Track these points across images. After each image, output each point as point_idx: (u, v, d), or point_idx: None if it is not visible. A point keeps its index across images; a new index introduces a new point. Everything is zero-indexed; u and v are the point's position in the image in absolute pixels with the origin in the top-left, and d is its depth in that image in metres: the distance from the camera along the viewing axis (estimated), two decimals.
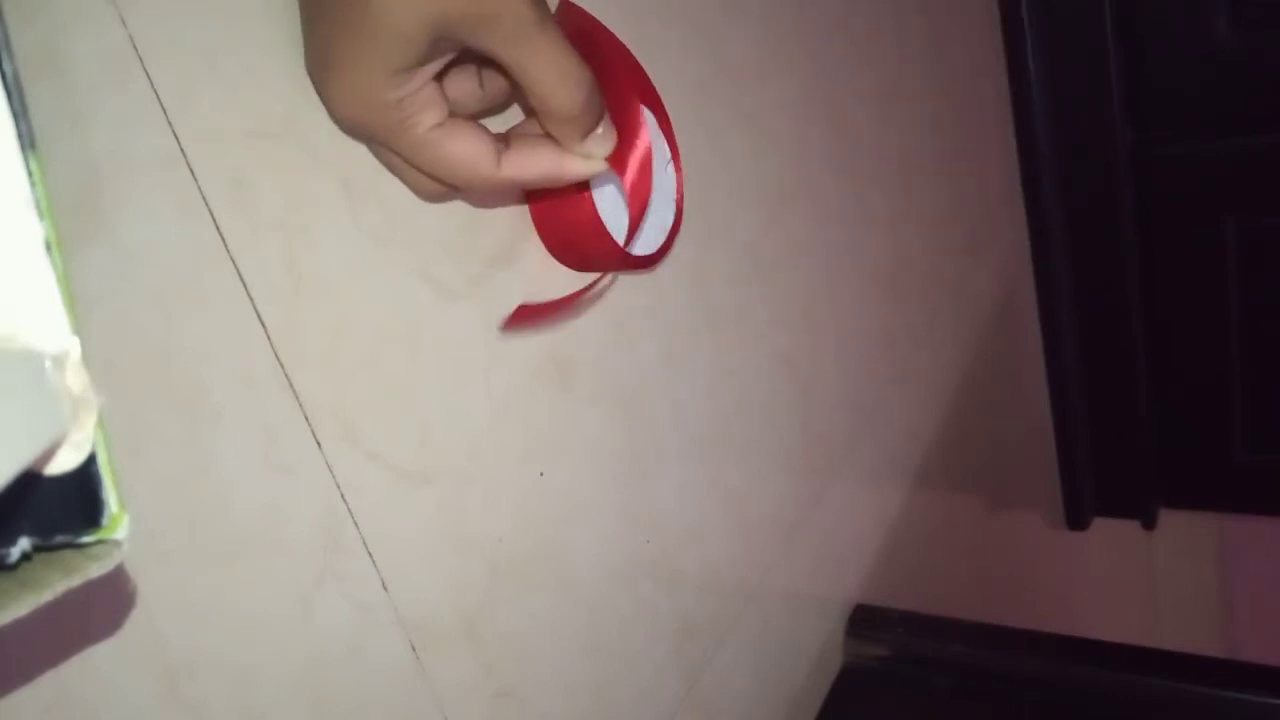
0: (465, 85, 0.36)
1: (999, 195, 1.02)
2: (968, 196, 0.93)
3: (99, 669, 0.28)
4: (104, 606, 0.29)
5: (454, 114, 0.34)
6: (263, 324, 0.33)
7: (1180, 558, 1.71)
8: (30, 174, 0.18)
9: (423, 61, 0.31)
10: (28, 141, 0.18)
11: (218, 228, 0.31)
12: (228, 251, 0.32)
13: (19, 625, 0.18)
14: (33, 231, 0.18)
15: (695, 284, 0.54)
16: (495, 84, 0.37)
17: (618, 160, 0.37)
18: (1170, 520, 1.21)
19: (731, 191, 0.57)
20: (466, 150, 0.34)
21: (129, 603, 0.29)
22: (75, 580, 0.19)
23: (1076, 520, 1.22)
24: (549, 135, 0.36)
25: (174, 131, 0.30)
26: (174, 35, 0.30)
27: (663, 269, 0.51)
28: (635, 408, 0.49)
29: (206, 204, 0.31)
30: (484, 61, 0.36)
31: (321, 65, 0.32)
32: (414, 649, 0.38)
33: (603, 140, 0.36)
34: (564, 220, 0.42)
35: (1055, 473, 1.21)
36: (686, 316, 0.53)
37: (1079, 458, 1.19)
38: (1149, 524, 1.20)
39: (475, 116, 0.37)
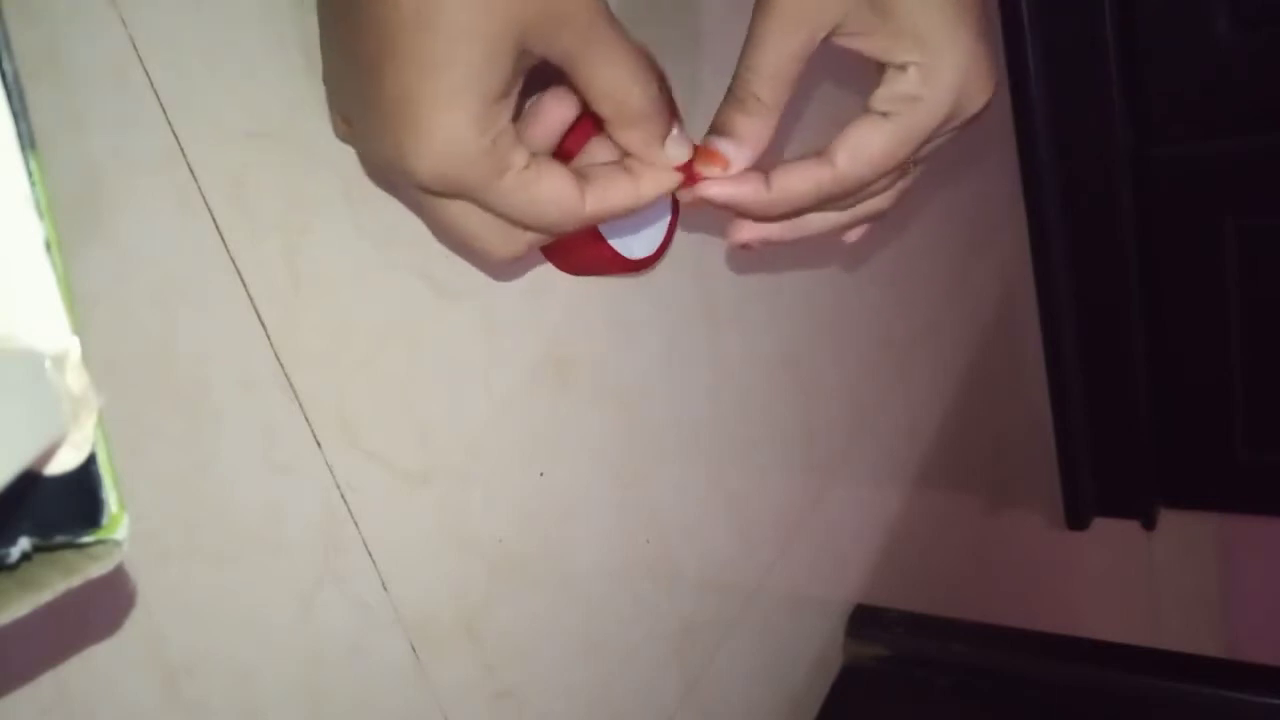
0: (526, 129, 0.33)
1: (999, 195, 1.02)
2: (968, 196, 0.93)
3: (99, 669, 0.28)
4: (104, 606, 0.29)
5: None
6: (263, 324, 0.33)
7: (1180, 558, 1.71)
8: (30, 174, 0.18)
9: (509, 86, 0.28)
10: (28, 141, 0.18)
11: (218, 228, 0.31)
12: (228, 251, 0.32)
13: (19, 625, 0.18)
14: (33, 231, 0.18)
15: (695, 284, 0.54)
16: (552, 117, 0.34)
17: None
18: (1170, 520, 1.21)
19: None
20: (557, 188, 0.30)
21: (129, 603, 0.29)
22: (75, 580, 0.19)
23: (1076, 520, 1.22)
24: (613, 159, 0.33)
25: (174, 131, 0.30)
26: (174, 35, 0.30)
27: (663, 269, 0.51)
28: (635, 408, 0.49)
29: (206, 204, 0.31)
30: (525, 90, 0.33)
31: (394, 122, 0.27)
32: (414, 649, 0.38)
33: (679, 142, 0.32)
34: None
35: (1055, 473, 1.21)
36: (687, 316, 0.53)
37: (1079, 458, 1.19)
38: (1149, 524, 1.20)
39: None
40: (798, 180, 0.34)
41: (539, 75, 0.30)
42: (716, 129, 0.34)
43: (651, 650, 0.51)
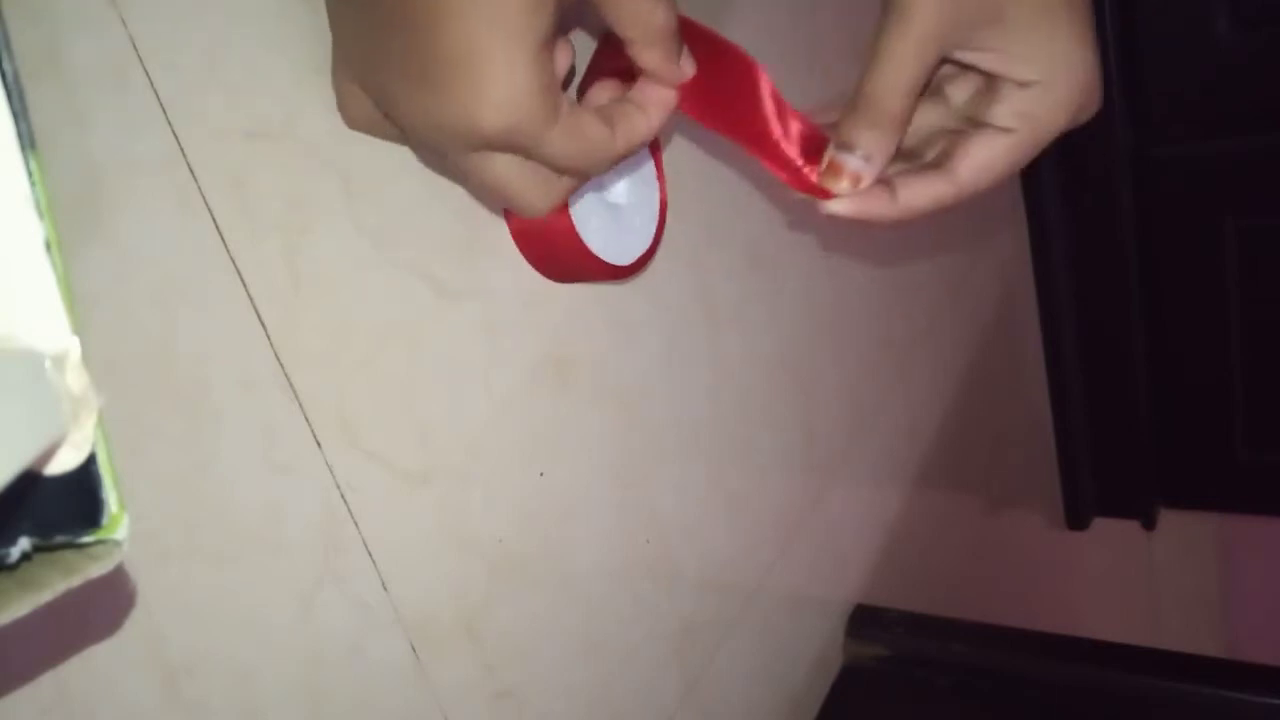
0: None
1: (999, 195, 1.02)
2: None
3: (99, 669, 0.28)
4: (104, 606, 0.29)
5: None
6: (263, 324, 0.33)
7: (1180, 558, 1.71)
8: (30, 174, 0.18)
9: (555, 30, 0.28)
10: (28, 141, 0.18)
11: (218, 228, 0.31)
12: (228, 251, 0.32)
13: (19, 625, 0.18)
14: (33, 231, 0.18)
15: (695, 284, 0.54)
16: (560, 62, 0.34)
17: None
18: (1170, 520, 1.21)
19: (732, 190, 0.57)
20: (596, 131, 0.31)
21: (129, 603, 0.29)
22: (75, 580, 0.19)
23: (1076, 520, 1.22)
24: (628, 81, 0.34)
25: (174, 131, 0.30)
26: (174, 35, 0.30)
27: (663, 269, 0.51)
28: (635, 408, 0.49)
29: (206, 204, 0.31)
30: None
31: (453, 79, 0.27)
32: (414, 649, 0.38)
33: (690, 59, 0.33)
34: (542, 232, 0.41)
35: (1055, 473, 1.21)
36: (686, 316, 0.53)
37: (1079, 458, 1.19)
38: (1149, 524, 1.20)
39: None
40: (922, 197, 0.35)
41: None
42: (845, 144, 0.35)
43: (651, 650, 0.51)
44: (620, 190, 0.44)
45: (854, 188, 0.35)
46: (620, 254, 0.43)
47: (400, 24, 0.28)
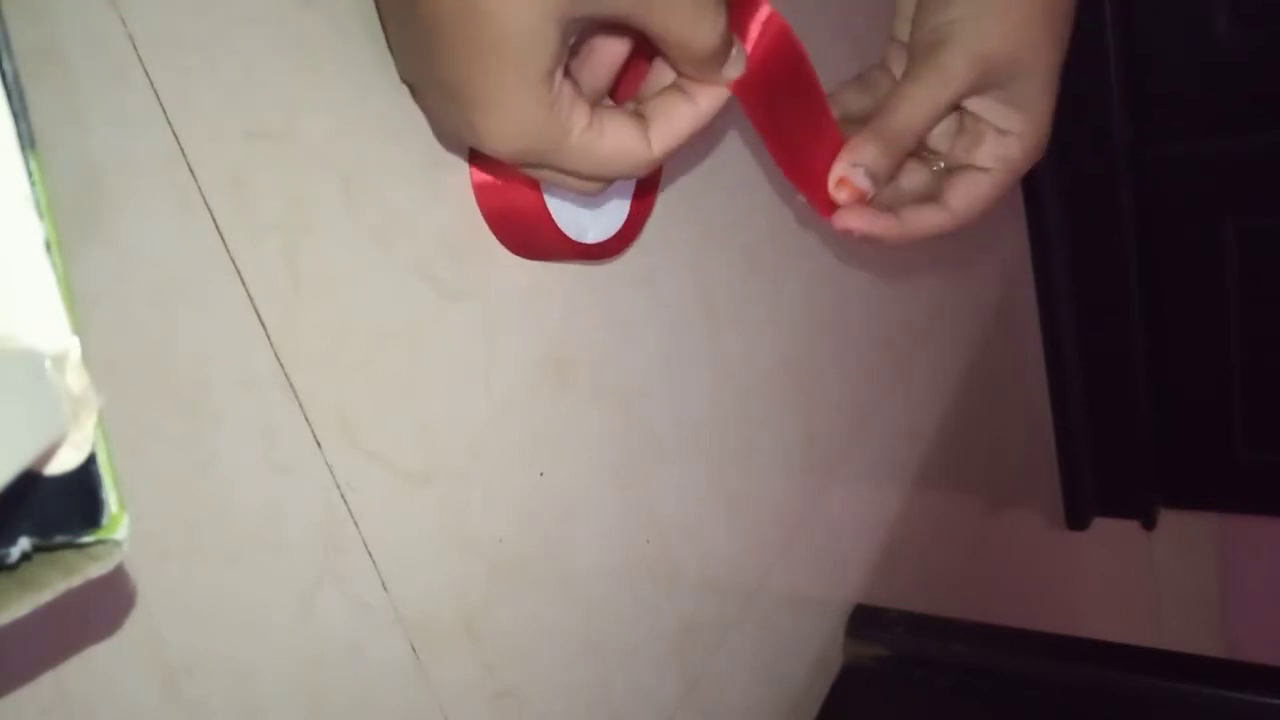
0: (582, 71, 0.34)
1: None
2: None
3: (99, 669, 0.28)
4: (104, 606, 0.29)
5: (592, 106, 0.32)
6: (263, 324, 0.33)
7: (1180, 558, 1.71)
8: (30, 174, 0.18)
9: (560, 57, 0.28)
10: (28, 141, 0.18)
11: (218, 228, 0.31)
12: (228, 251, 0.32)
13: (19, 625, 0.18)
14: (33, 231, 0.18)
15: (695, 284, 0.54)
16: (606, 55, 0.34)
17: None
18: (1170, 520, 1.21)
19: (732, 191, 0.57)
20: (621, 141, 0.32)
21: (129, 603, 0.29)
22: (75, 580, 0.19)
23: (1076, 520, 1.22)
24: (671, 84, 0.34)
25: (174, 131, 0.30)
26: (174, 35, 0.30)
27: (663, 269, 0.51)
28: (635, 408, 0.49)
29: (206, 204, 0.31)
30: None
31: (470, 111, 0.29)
32: (414, 649, 0.38)
33: (737, 61, 0.33)
34: (509, 204, 0.40)
35: (1055, 473, 1.21)
36: (686, 316, 0.53)
37: (1079, 458, 1.19)
38: (1149, 524, 1.20)
39: (597, 100, 0.35)
40: (924, 225, 0.40)
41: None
42: (857, 159, 0.39)
43: (651, 650, 0.51)
44: None
45: (852, 201, 0.39)
46: (590, 233, 0.42)
47: (415, 43, 0.30)
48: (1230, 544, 1.96)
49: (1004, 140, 0.40)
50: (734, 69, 0.33)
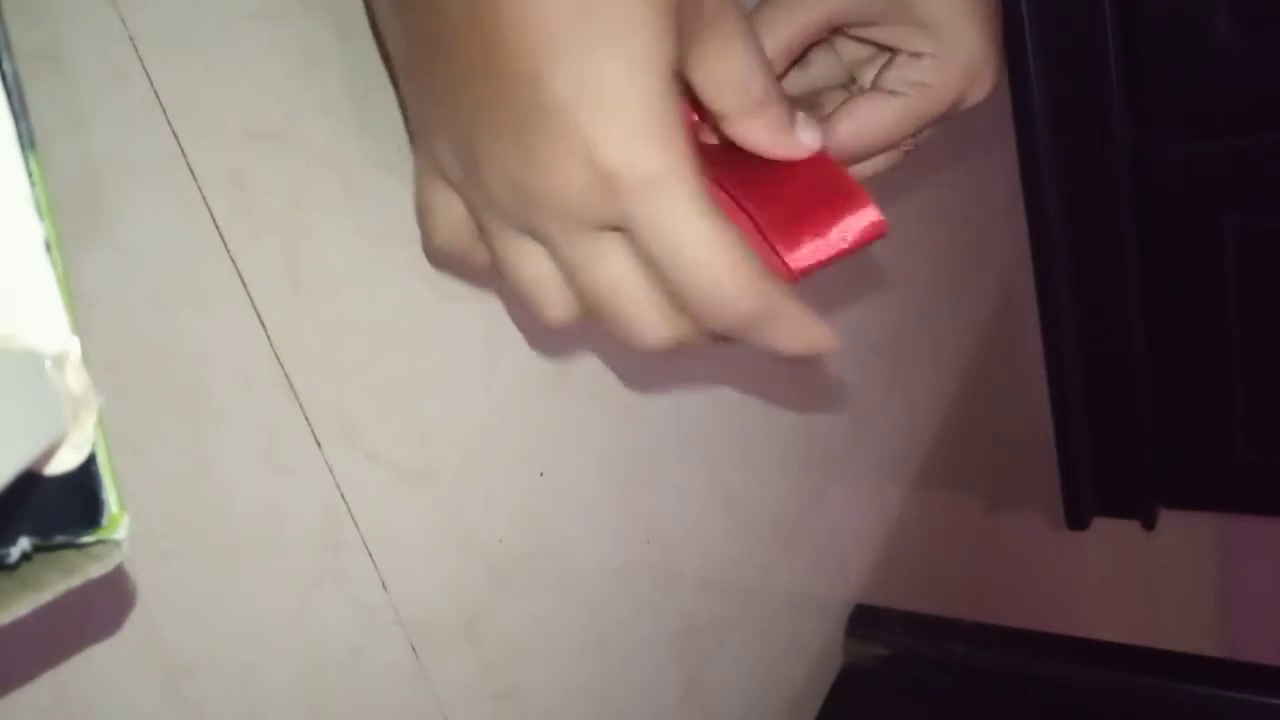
0: None
1: (999, 195, 1.02)
2: (968, 197, 0.93)
3: (99, 669, 0.28)
4: (104, 606, 0.29)
5: None
6: (263, 324, 0.33)
7: (1180, 558, 1.71)
8: (30, 174, 0.18)
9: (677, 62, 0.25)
10: (28, 141, 0.18)
11: (218, 228, 0.31)
12: (228, 251, 0.32)
13: (19, 625, 0.18)
14: (33, 231, 0.18)
15: None
16: None
17: None
18: (1170, 520, 1.21)
19: None
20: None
21: (129, 603, 0.29)
22: (75, 580, 0.19)
23: (1076, 520, 1.22)
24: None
25: (174, 131, 0.30)
26: (174, 35, 0.30)
27: None
28: (635, 408, 0.49)
29: (206, 204, 0.31)
30: None
31: (572, 119, 0.24)
32: (414, 649, 0.38)
33: (809, 125, 0.30)
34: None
35: (1055, 473, 1.21)
36: None
37: (1079, 458, 1.19)
38: (1149, 524, 1.20)
39: None
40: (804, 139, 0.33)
41: None
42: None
43: (652, 650, 0.51)
44: None
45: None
46: None
47: (490, 73, 0.24)
48: (1230, 544, 1.96)
49: (915, 64, 0.34)
50: (809, 134, 0.31)
